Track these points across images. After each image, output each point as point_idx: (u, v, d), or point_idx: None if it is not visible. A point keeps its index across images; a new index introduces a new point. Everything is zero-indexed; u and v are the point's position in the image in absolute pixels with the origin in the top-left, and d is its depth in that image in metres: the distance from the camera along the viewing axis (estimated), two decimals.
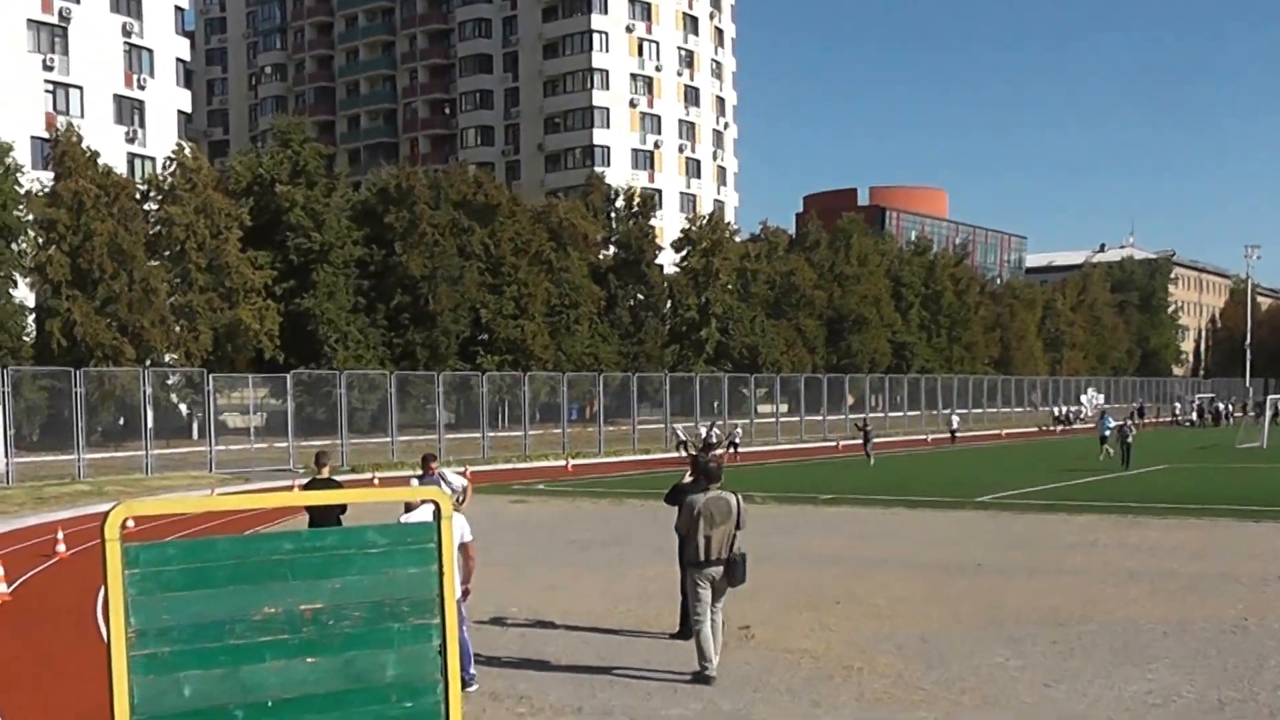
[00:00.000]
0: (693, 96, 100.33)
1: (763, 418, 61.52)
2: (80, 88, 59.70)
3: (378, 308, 57.26)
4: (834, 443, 52.27)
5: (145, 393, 38.07)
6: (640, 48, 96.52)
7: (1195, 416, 76.53)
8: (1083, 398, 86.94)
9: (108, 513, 5.34)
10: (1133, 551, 17.44)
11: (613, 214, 72.72)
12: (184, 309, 49.29)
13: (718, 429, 43.85)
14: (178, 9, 67.22)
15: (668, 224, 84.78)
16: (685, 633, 10.94)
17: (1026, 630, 11.80)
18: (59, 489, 30.78)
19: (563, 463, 41.27)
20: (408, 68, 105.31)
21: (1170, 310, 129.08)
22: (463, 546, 9.37)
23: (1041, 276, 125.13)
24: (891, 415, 70.94)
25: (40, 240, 45.98)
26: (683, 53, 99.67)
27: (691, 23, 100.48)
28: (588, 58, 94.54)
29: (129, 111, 62.44)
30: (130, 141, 61.61)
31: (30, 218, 45.89)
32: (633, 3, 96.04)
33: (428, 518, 7.81)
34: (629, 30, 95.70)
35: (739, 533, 10.09)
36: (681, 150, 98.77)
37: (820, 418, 62.12)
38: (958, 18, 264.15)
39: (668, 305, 73.01)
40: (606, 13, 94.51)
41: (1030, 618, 12.45)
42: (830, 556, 17.59)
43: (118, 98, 61.83)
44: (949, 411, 64.79)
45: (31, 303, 47.89)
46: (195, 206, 49.40)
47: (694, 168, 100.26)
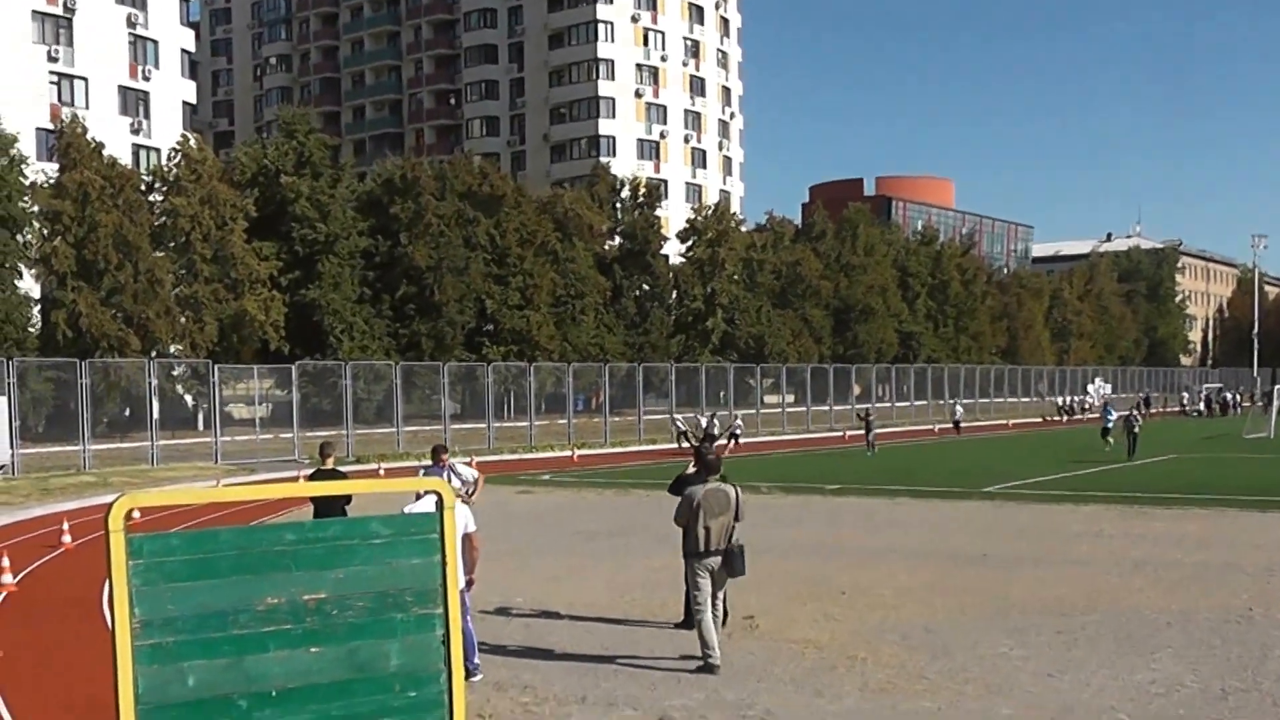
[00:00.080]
0: (698, 86, 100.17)
1: (769, 408, 61.44)
2: (85, 79, 59.73)
3: (383, 298, 57.30)
4: (840, 433, 52.21)
5: (150, 384, 38.15)
6: (646, 37, 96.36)
7: (1203, 406, 76.36)
8: (1090, 387, 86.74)
9: (111, 504, 5.36)
10: (1138, 541, 17.43)
11: (618, 204, 72.70)
12: (189, 300, 49.38)
13: (717, 419, 43.74)
14: (182, 0, 67.25)
15: (673, 214, 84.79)
16: (689, 623, 10.96)
17: (1031, 620, 11.80)
18: (64, 480, 30.82)
19: (568, 453, 41.27)
20: (413, 58, 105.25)
21: (1178, 300, 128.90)
22: (466, 537, 9.38)
23: (1048, 266, 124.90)
24: (898, 405, 70.83)
25: (45, 231, 46.08)
26: (688, 42, 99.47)
27: (697, 12, 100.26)
28: (593, 48, 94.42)
29: (134, 103, 62.47)
30: (135, 133, 61.67)
31: (35, 209, 46.02)
32: None
33: (431, 508, 7.83)
34: (634, 20, 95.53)
35: (738, 524, 10.21)
36: (687, 140, 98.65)
37: (826, 408, 62.05)
38: (964, 7, 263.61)
39: (673, 296, 72.98)
40: (611, 2, 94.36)
41: (1035, 607, 12.45)
42: (836, 547, 17.61)
43: (122, 89, 61.89)
44: (954, 402, 64.68)
45: (37, 294, 48.01)
46: (200, 198, 49.45)
47: (700, 158, 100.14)
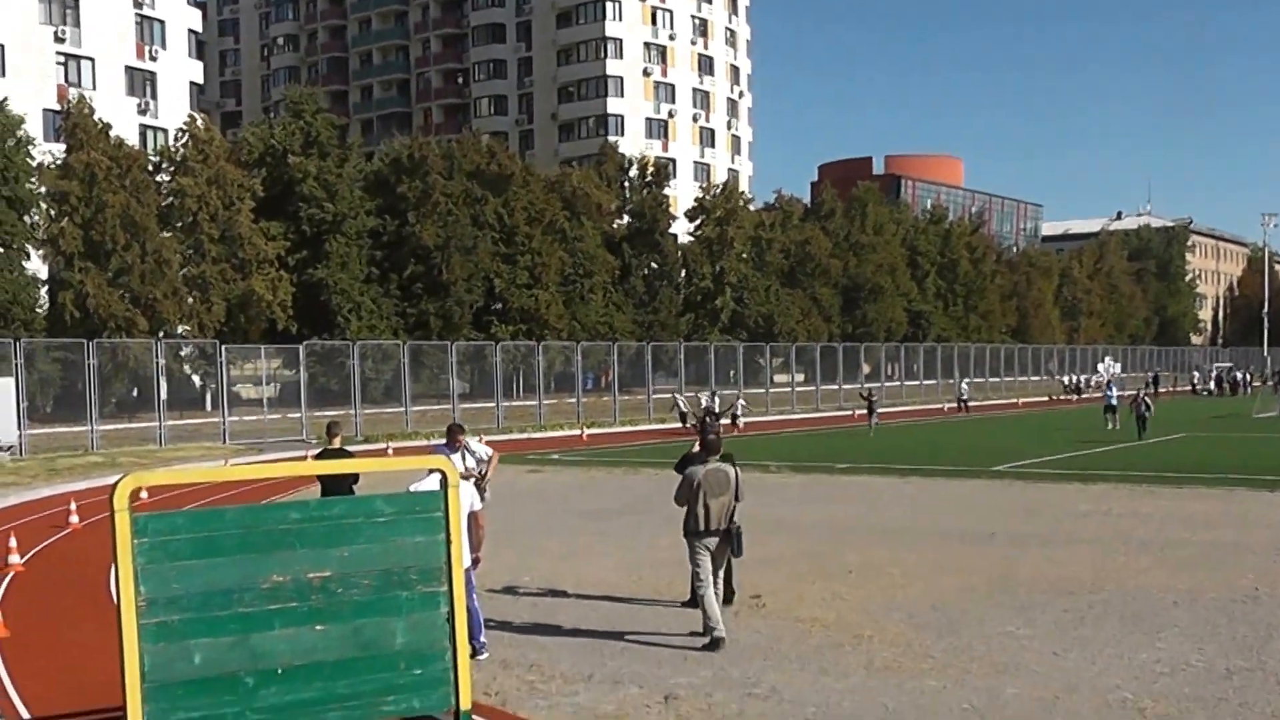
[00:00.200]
0: (707, 65, 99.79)
1: (778, 387, 61.43)
2: (92, 59, 59.62)
3: (391, 278, 57.28)
4: (849, 411, 52.20)
5: (158, 364, 38.25)
6: (654, 16, 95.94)
7: (1213, 385, 76.19)
8: (1100, 366, 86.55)
9: (116, 483, 5.36)
10: (1145, 521, 17.41)
11: (626, 183, 72.55)
12: (197, 280, 49.42)
13: (718, 398, 43.73)
14: None
15: (682, 193, 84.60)
16: (696, 601, 10.99)
17: (1037, 599, 11.80)
18: (72, 460, 30.95)
19: (577, 432, 41.37)
20: (420, 37, 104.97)
21: (1188, 278, 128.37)
22: (472, 515, 9.38)
23: (1058, 245, 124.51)
24: (908, 384, 70.72)
25: (52, 212, 46.13)
26: (697, 21, 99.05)
27: None
28: (601, 26, 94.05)
29: (141, 83, 62.37)
30: (142, 113, 61.59)
31: (42, 190, 46.06)
32: None
33: (435, 486, 7.84)
34: None
35: (738, 504, 10.34)
36: (695, 119, 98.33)
37: (836, 387, 62.01)
38: None
39: (682, 275, 72.90)
40: None
41: (1041, 586, 12.45)
42: (844, 525, 17.62)
43: (129, 69, 61.76)
44: (962, 380, 64.59)
45: (44, 275, 48.11)
46: (207, 178, 49.44)
47: (708, 137, 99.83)
